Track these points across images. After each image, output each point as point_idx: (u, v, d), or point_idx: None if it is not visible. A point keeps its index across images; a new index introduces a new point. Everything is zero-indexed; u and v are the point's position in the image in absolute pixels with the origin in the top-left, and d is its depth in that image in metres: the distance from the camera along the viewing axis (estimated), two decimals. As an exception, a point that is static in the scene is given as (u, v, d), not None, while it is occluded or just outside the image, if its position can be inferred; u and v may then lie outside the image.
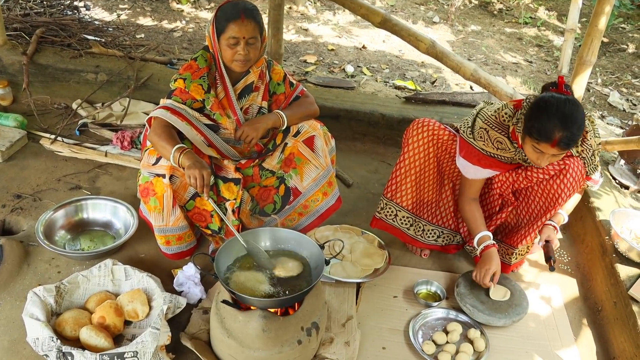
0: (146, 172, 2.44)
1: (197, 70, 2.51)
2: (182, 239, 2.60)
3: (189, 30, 5.44)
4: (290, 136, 2.67)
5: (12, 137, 3.37)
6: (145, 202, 2.48)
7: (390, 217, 2.82)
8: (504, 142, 2.52)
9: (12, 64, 4.05)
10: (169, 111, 2.47)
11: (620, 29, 6.66)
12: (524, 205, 2.74)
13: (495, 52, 5.86)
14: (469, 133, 2.58)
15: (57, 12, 4.93)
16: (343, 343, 2.34)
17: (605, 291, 2.71)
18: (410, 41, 3.41)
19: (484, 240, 2.64)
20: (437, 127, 2.69)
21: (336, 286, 2.65)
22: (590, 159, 2.59)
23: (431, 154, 2.72)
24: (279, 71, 2.73)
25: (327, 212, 2.81)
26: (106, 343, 2.16)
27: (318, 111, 2.79)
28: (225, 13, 2.41)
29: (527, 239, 2.70)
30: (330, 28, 5.96)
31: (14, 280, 2.51)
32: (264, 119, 2.62)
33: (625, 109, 4.95)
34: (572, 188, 2.57)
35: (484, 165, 2.58)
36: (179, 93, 2.51)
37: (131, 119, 3.73)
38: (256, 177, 2.68)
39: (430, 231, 2.88)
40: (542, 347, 2.49)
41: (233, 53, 2.43)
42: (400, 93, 4.50)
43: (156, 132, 2.42)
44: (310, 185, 2.70)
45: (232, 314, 2.13)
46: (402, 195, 2.77)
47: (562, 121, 2.23)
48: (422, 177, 2.76)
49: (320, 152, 2.66)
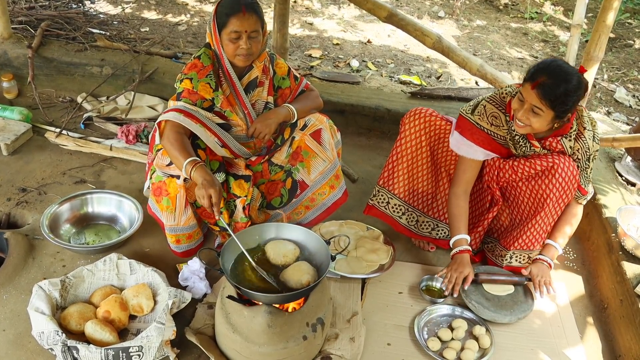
0: (160, 171, 2.42)
1: (202, 68, 2.48)
2: (192, 237, 2.60)
3: (194, 23, 5.42)
4: (298, 129, 2.66)
5: (17, 130, 3.37)
6: (157, 200, 2.46)
7: (383, 205, 2.84)
8: (499, 118, 2.51)
9: (18, 57, 4.05)
10: (182, 114, 2.42)
11: (627, 25, 6.61)
12: (514, 206, 2.70)
13: (501, 47, 5.83)
14: (468, 110, 2.58)
15: (62, 6, 4.91)
16: (348, 339, 2.34)
17: (612, 289, 2.70)
18: (416, 36, 3.40)
19: (461, 244, 2.62)
20: (432, 116, 2.69)
21: (341, 282, 2.64)
22: (585, 163, 2.52)
23: (424, 143, 2.71)
24: (283, 65, 2.72)
25: (334, 206, 2.81)
26: (111, 337, 2.17)
27: (322, 104, 2.79)
28: (225, 7, 2.40)
29: (519, 242, 2.65)
30: (335, 22, 5.94)
31: (19, 274, 2.51)
32: (275, 114, 2.61)
33: (631, 105, 4.92)
34: (562, 190, 2.50)
35: (477, 141, 2.55)
36: (187, 94, 2.47)
37: (136, 112, 3.73)
38: (265, 172, 2.68)
39: (425, 223, 2.88)
40: (548, 344, 2.48)
41: (235, 47, 2.42)
42: (406, 88, 4.49)
43: (169, 140, 2.37)
44: (317, 179, 2.70)
45: (237, 309, 2.13)
46: (394, 182, 2.78)
47: (552, 71, 2.27)
48: (414, 165, 2.76)
49: (327, 145, 2.65)
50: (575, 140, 2.50)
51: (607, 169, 3.47)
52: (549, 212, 2.56)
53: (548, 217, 2.58)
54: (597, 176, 3.33)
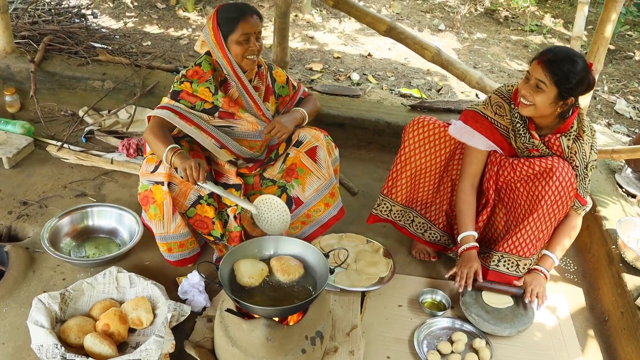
0: (145, 180, 2.48)
1: (203, 74, 2.56)
2: (184, 246, 2.62)
3: (196, 38, 5.46)
4: (292, 146, 2.68)
5: (19, 144, 3.39)
6: (145, 210, 2.51)
7: (385, 213, 2.87)
8: (503, 107, 2.57)
9: (20, 72, 4.08)
10: (177, 115, 2.50)
11: (627, 37, 6.64)
12: (510, 209, 2.70)
13: (501, 60, 5.85)
14: (475, 104, 2.65)
15: (64, 20, 4.96)
16: (347, 352, 2.33)
17: (612, 301, 2.69)
18: (415, 49, 3.42)
19: (468, 240, 2.64)
20: (435, 125, 2.71)
21: (341, 295, 2.64)
22: (582, 170, 2.52)
23: (427, 152, 2.73)
24: (282, 74, 2.80)
25: (330, 222, 2.82)
26: (110, 350, 2.16)
27: (320, 107, 2.91)
28: (231, 13, 2.49)
29: (509, 243, 2.61)
30: (336, 36, 5.97)
31: (19, 286, 2.52)
32: (292, 116, 2.69)
33: (632, 117, 4.93)
34: (558, 194, 2.48)
35: (479, 128, 2.59)
36: (186, 96, 2.55)
37: (137, 126, 3.74)
38: (257, 185, 2.70)
39: (420, 224, 2.90)
40: (548, 357, 2.47)
41: (244, 49, 2.50)
42: (406, 101, 4.50)
43: (152, 131, 2.46)
44: (312, 196, 2.71)
45: (236, 323, 2.12)
46: (397, 191, 2.81)
47: (561, 50, 2.38)
48: (417, 175, 2.78)
49: (323, 163, 2.66)
50: (574, 141, 2.51)
51: (607, 181, 3.47)
52: (543, 215, 2.53)
53: (541, 221, 2.54)
54: (597, 188, 3.33)
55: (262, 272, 2.27)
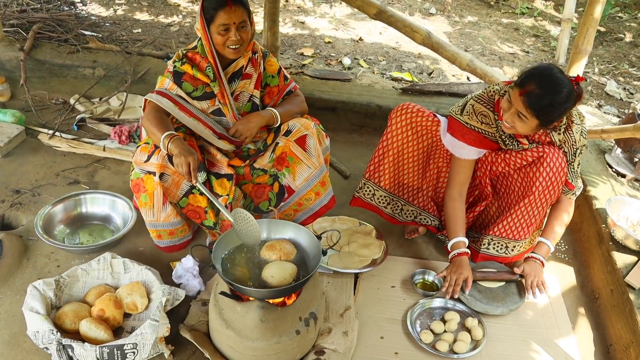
0: (137, 168, 2.49)
1: (201, 60, 2.54)
2: (174, 234, 2.64)
3: (186, 24, 5.44)
4: (281, 135, 2.66)
5: (10, 132, 3.38)
6: (136, 197, 2.54)
7: (368, 197, 2.87)
8: (488, 116, 2.53)
9: (10, 60, 4.06)
10: (177, 106, 2.50)
11: (617, 18, 6.65)
12: (504, 196, 2.72)
13: (492, 43, 5.85)
14: (457, 111, 2.60)
15: (53, 8, 4.92)
16: (341, 333, 2.36)
17: (602, 279, 2.72)
18: (406, 32, 3.41)
19: (459, 246, 2.62)
20: (417, 112, 2.71)
21: (334, 277, 2.66)
22: (571, 157, 2.54)
23: (410, 138, 2.73)
24: (274, 63, 2.74)
25: (321, 211, 2.81)
26: (106, 335, 2.18)
27: (307, 110, 2.80)
28: (212, 2, 2.41)
29: (499, 227, 2.65)
30: (327, 21, 5.95)
31: (14, 274, 2.53)
32: (258, 117, 2.62)
33: (622, 98, 4.95)
34: (549, 179, 2.51)
35: (469, 141, 2.57)
36: (189, 79, 2.54)
37: (129, 113, 3.74)
38: (247, 175, 2.70)
39: (409, 212, 2.90)
40: (540, 335, 2.50)
41: (225, 40, 2.44)
42: (397, 84, 4.51)
43: (148, 118, 2.47)
44: (302, 185, 2.70)
45: (230, 305, 2.14)
46: (380, 175, 2.80)
47: (543, 80, 2.25)
48: (400, 160, 2.78)
49: (313, 152, 2.64)
50: (563, 133, 2.52)
51: (597, 161, 3.49)
52: (534, 200, 2.56)
53: (532, 205, 2.57)
54: (588, 168, 3.35)
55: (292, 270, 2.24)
